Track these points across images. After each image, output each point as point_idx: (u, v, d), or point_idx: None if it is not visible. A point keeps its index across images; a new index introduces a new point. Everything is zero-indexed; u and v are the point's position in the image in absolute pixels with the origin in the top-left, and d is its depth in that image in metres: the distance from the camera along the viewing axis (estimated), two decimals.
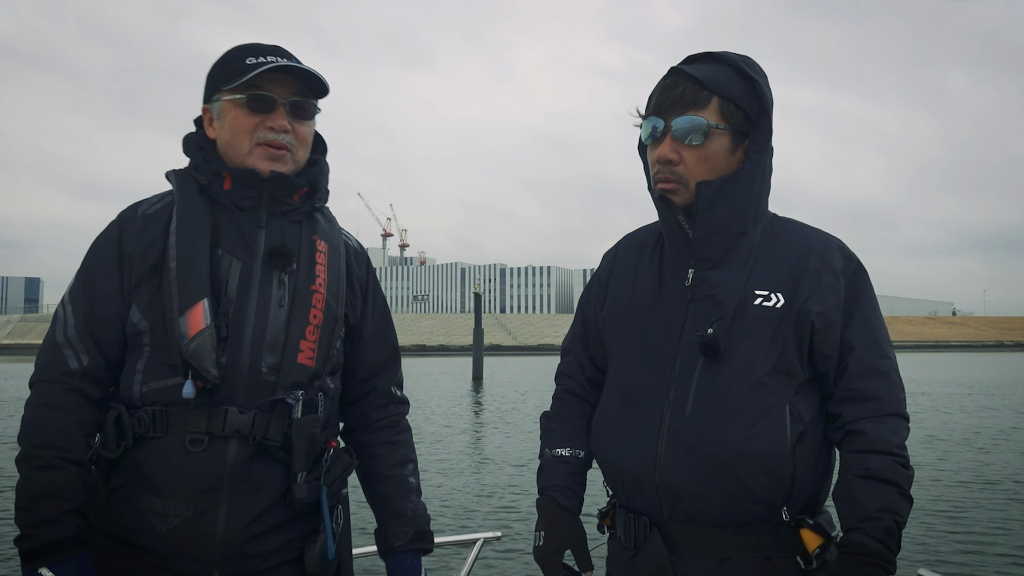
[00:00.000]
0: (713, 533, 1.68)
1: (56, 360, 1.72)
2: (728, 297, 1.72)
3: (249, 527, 1.69)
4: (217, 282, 1.73)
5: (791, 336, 1.69)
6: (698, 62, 1.76)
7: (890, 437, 1.64)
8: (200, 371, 1.66)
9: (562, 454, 1.90)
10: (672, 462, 1.69)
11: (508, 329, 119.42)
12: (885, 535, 1.57)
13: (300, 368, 1.76)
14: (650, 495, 1.72)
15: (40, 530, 1.58)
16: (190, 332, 1.67)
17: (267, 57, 1.79)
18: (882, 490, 1.59)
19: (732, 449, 1.65)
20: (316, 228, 1.89)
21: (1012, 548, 7.83)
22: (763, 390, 1.67)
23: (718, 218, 1.73)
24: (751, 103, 1.72)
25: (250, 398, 1.71)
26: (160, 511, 1.66)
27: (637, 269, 1.87)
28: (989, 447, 14.90)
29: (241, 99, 1.78)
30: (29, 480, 1.63)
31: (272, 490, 1.72)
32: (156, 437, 1.67)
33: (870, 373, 1.68)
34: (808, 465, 1.68)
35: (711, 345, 1.69)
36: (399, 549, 1.90)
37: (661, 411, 1.72)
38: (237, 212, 1.81)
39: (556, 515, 1.83)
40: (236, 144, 1.80)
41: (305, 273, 1.82)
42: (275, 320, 1.76)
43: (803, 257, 1.74)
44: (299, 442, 1.72)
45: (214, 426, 1.67)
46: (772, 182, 1.81)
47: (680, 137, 1.71)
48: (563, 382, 2.02)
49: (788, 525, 1.66)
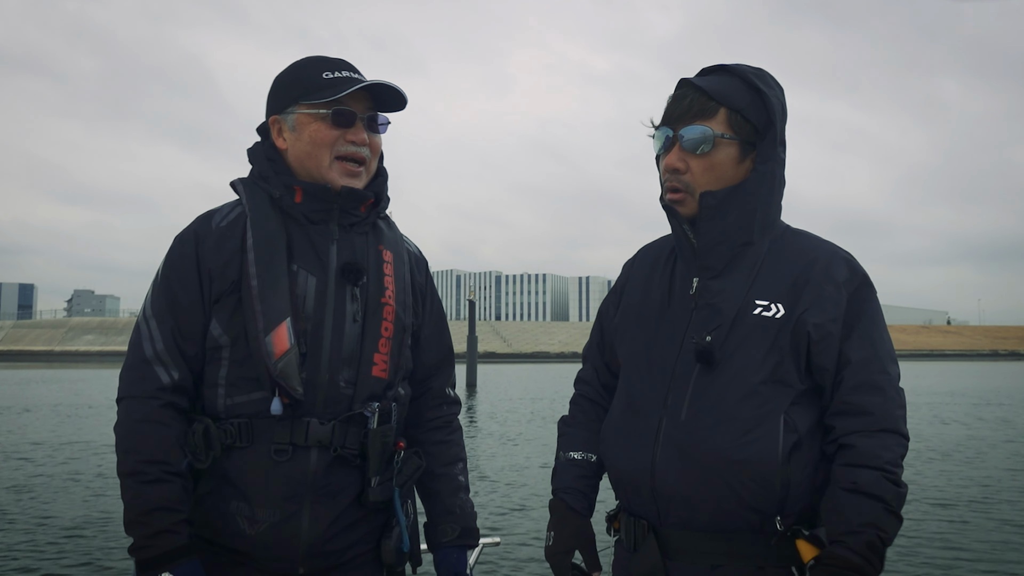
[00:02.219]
0: (706, 539, 1.70)
1: (148, 376, 1.76)
2: (728, 305, 1.74)
3: (330, 528, 1.79)
4: (295, 298, 1.78)
5: (787, 346, 1.70)
6: (711, 74, 1.79)
7: (881, 452, 1.63)
8: (288, 389, 1.74)
9: (574, 457, 1.96)
10: (666, 467, 1.71)
11: (503, 336, 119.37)
12: (867, 550, 1.57)
13: (375, 381, 1.85)
14: (647, 499, 1.75)
15: (157, 540, 1.67)
16: (276, 352, 1.73)
17: (342, 72, 1.84)
18: (868, 504, 1.59)
19: (723, 456, 1.66)
20: (381, 238, 1.95)
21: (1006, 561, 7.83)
22: (757, 399, 1.68)
23: (721, 228, 1.75)
24: (759, 115, 1.74)
25: (328, 410, 1.80)
26: (250, 516, 1.76)
27: (650, 279, 1.91)
28: (980, 457, 14.92)
29: (326, 114, 1.82)
30: (140, 495, 1.70)
31: (349, 493, 1.82)
32: (242, 447, 1.76)
33: (865, 387, 1.68)
34: (804, 476, 1.68)
35: (705, 352, 1.71)
36: (447, 544, 1.98)
37: (659, 417, 1.75)
38: (308, 225, 1.85)
39: (566, 516, 1.90)
40: (316, 156, 1.83)
41: (375, 286, 1.88)
42: (350, 335, 1.82)
43: (807, 268, 1.74)
44: (374, 450, 1.82)
45: (297, 437, 1.76)
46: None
47: (687, 146, 1.74)
48: (580, 387, 2.08)
49: (782, 535, 1.67)
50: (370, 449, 1.81)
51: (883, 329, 1.75)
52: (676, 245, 1.85)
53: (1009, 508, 9.93)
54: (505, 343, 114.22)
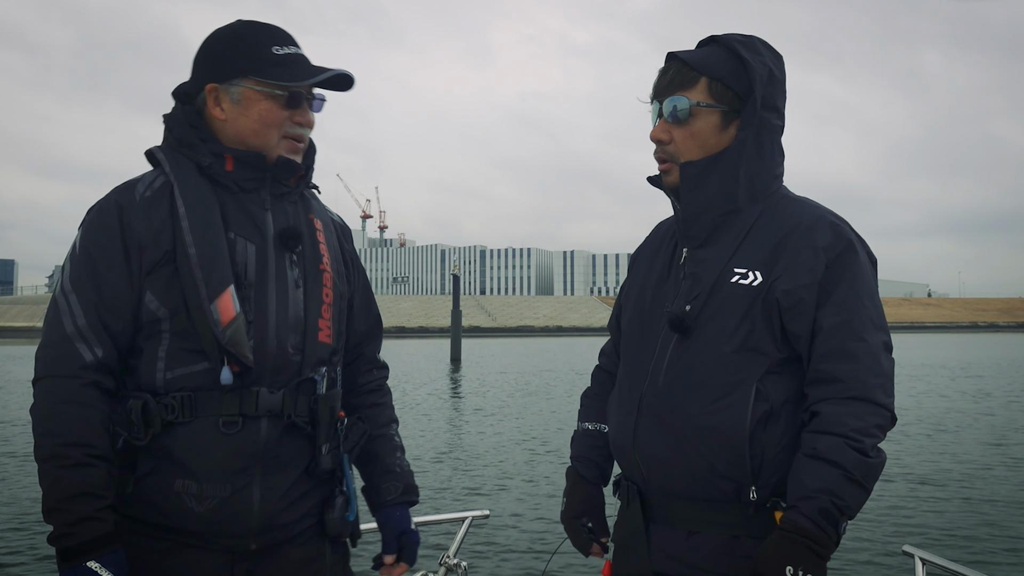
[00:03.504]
0: (684, 506, 1.73)
1: (69, 354, 1.68)
2: (708, 274, 1.76)
3: (281, 499, 1.76)
4: (235, 265, 1.75)
5: (759, 314, 1.69)
6: (702, 47, 1.83)
7: (847, 420, 1.60)
8: (238, 356, 1.69)
9: (588, 428, 2.04)
10: (646, 434, 1.76)
11: (488, 311, 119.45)
12: (819, 515, 1.56)
13: (321, 346, 1.83)
14: (633, 464, 1.81)
15: (79, 528, 1.59)
16: (223, 319, 1.68)
17: (289, 47, 1.81)
18: (824, 471, 1.57)
19: (693, 423, 1.69)
20: (310, 207, 1.94)
21: (996, 525, 7.97)
22: (728, 367, 1.69)
23: (703, 197, 1.76)
24: (740, 82, 1.75)
25: (278, 378, 1.76)
26: (197, 493, 1.69)
27: (656, 252, 1.94)
28: (967, 428, 15.12)
29: (281, 95, 1.79)
30: (60, 480, 1.61)
31: (299, 463, 1.80)
32: (185, 422, 1.69)
33: (835, 355, 1.65)
34: (780, 447, 1.67)
35: (677, 321, 1.74)
36: (392, 502, 1.98)
37: (641, 385, 1.79)
38: (240, 193, 1.81)
39: (576, 483, 1.99)
40: (264, 135, 1.80)
41: (311, 253, 1.86)
42: (295, 301, 1.80)
43: (789, 234, 1.73)
44: (323, 416, 1.81)
45: (247, 408, 1.71)
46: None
47: (668, 117, 1.78)
48: (601, 360, 2.15)
49: (759, 505, 1.67)
50: (320, 415, 1.80)
51: (866, 296, 1.69)
52: (673, 216, 1.89)
53: (982, 483, 10.09)
54: (490, 317, 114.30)
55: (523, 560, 6.86)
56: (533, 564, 6.71)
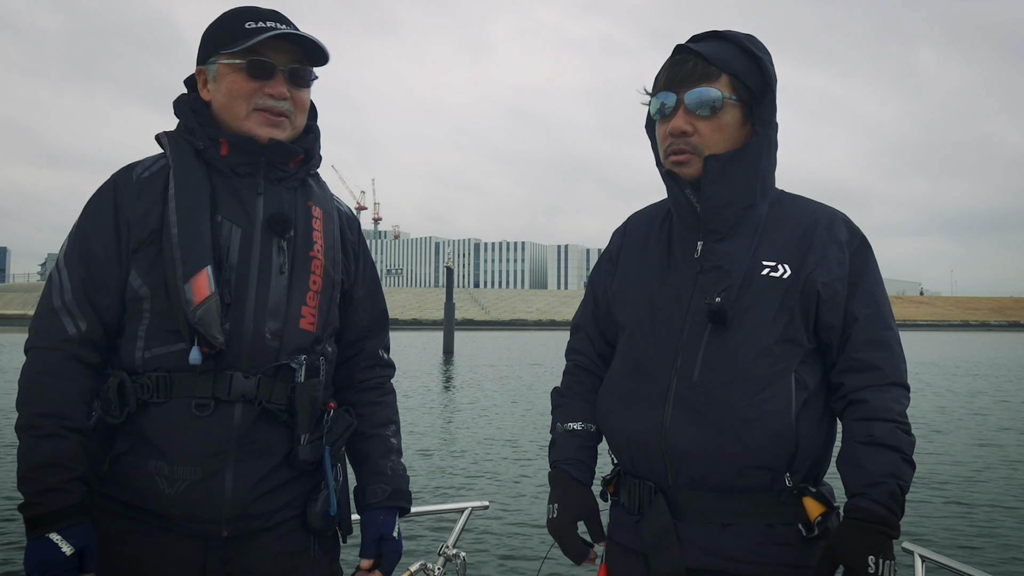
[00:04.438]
0: (717, 499, 1.72)
1: (54, 326, 1.70)
2: (736, 267, 1.76)
3: (255, 488, 1.73)
4: (218, 249, 1.74)
5: (797, 306, 1.73)
6: (703, 41, 1.80)
7: (892, 405, 1.68)
8: (207, 337, 1.68)
9: (574, 428, 1.94)
10: (678, 428, 1.73)
11: (481, 304, 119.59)
12: (890, 500, 1.61)
13: (302, 333, 1.80)
14: (656, 461, 1.77)
15: (45, 498, 1.60)
16: (195, 299, 1.68)
17: (267, 22, 1.79)
18: (886, 456, 1.64)
19: (738, 415, 1.69)
20: (311, 194, 1.91)
21: (994, 522, 8.00)
22: (770, 358, 1.71)
23: (726, 191, 1.77)
24: (755, 79, 1.77)
25: (254, 363, 1.74)
26: (168, 475, 1.68)
27: (646, 244, 1.92)
28: (966, 424, 15.18)
29: (241, 64, 1.78)
30: (31, 449, 1.63)
31: (277, 452, 1.77)
32: (160, 403, 1.69)
33: (873, 343, 1.72)
34: (811, 434, 1.72)
35: (719, 312, 1.73)
36: (375, 505, 1.92)
37: (668, 378, 1.77)
38: (234, 178, 1.80)
39: (569, 487, 1.89)
40: (233, 108, 1.79)
41: (303, 240, 1.84)
42: (277, 287, 1.78)
43: (810, 230, 1.78)
44: (302, 405, 1.76)
45: (220, 391, 1.70)
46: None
47: (694, 108, 1.75)
48: (574, 357, 2.05)
49: (790, 492, 1.70)
50: (298, 404, 1.76)
51: (883, 287, 1.79)
52: (675, 210, 1.86)
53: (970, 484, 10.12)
54: (483, 310, 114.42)
55: (523, 551, 6.86)
56: (533, 555, 6.71)
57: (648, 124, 1.88)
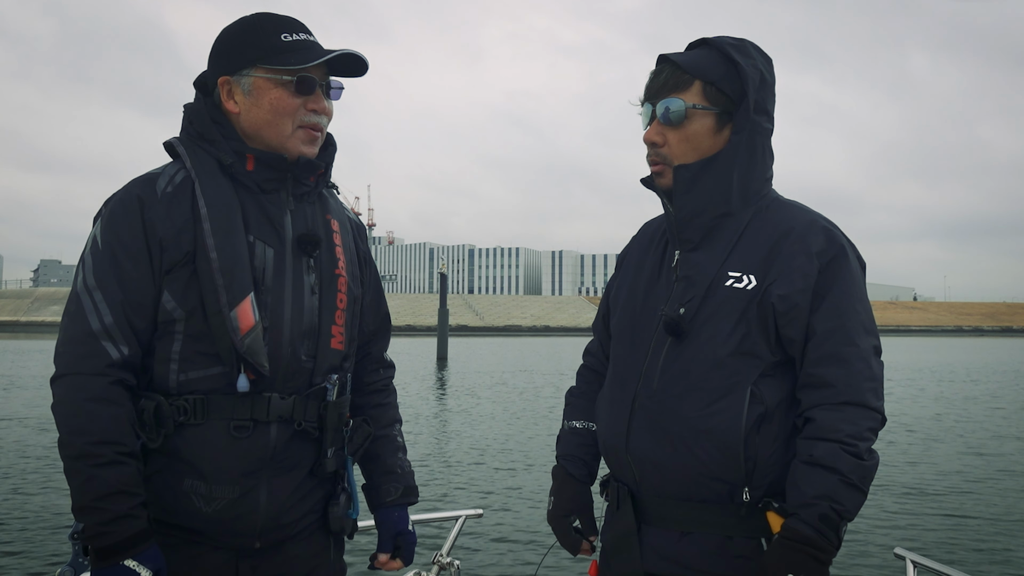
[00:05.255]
0: (677, 506, 1.74)
1: (96, 351, 1.65)
2: (702, 277, 1.76)
3: (287, 500, 1.78)
4: (254, 271, 1.73)
5: (755, 318, 1.71)
6: (691, 49, 1.82)
7: (841, 425, 1.62)
8: (255, 366, 1.69)
9: (576, 426, 2.03)
10: (639, 435, 1.77)
11: (475, 310, 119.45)
12: (820, 522, 1.58)
13: (333, 353, 1.83)
14: (624, 465, 1.81)
15: (117, 526, 1.59)
16: (243, 328, 1.67)
17: (299, 34, 1.78)
18: (822, 477, 1.59)
19: (688, 425, 1.70)
20: (328, 207, 1.91)
21: (986, 529, 8.01)
22: (724, 370, 1.71)
23: (697, 200, 1.77)
24: (733, 85, 1.76)
25: (289, 384, 1.76)
26: (205, 494, 1.70)
27: (646, 253, 1.94)
28: (957, 432, 15.21)
29: (289, 81, 1.74)
30: (93, 478, 1.60)
31: (304, 464, 1.81)
32: (196, 424, 1.70)
33: (828, 359, 1.67)
34: (773, 449, 1.69)
35: (672, 324, 1.74)
36: (391, 503, 1.99)
37: (635, 386, 1.80)
38: (260, 194, 1.78)
39: (565, 482, 1.98)
40: (277, 125, 1.76)
41: (328, 257, 1.84)
42: (309, 308, 1.79)
43: (782, 239, 1.74)
44: (331, 421, 1.81)
45: (259, 413, 1.72)
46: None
47: (663, 119, 1.77)
48: (586, 359, 2.14)
49: (751, 506, 1.68)
50: (328, 421, 1.80)
51: (857, 300, 1.71)
52: (665, 218, 1.88)
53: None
54: (478, 316, 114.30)
55: (516, 559, 6.84)
56: (526, 563, 6.70)
57: None
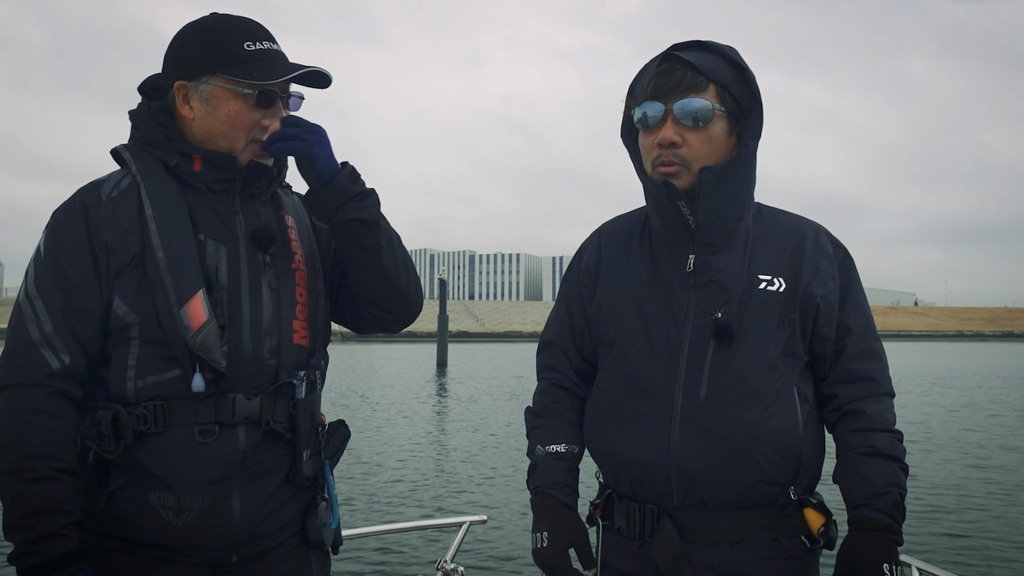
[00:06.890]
0: (725, 517, 1.71)
1: (34, 361, 1.60)
2: (734, 282, 1.74)
3: (262, 509, 1.70)
4: (206, 269, 1.69)
5: (796, 319, 1.74)
6: (688, 50, 1.76)
7: (887, 416, 1.74)
8: (209, 363, 1.64)
9: (559, 451, 1.85)
10: (687, 448, 1.69)
11: (476, 316, 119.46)
12: (893, 508, 1.65)
13: (297, 349, 1.78)
14: (661, 482, 1.72)
15: (43, 546, 1.52)
16: (194, 325, 1.63)
17: (263, 43, 1.73)
18: (887, 466, 1.68)
19: (749, 431, 1.68)
20: (281, 204, 1.87)
21: (990, 534, 7.99)
22: (775, 372, 1.72)
23: (720, 204, 1.74)
24: (742, 91, 1.75)
25: (254, 384, 1.71)
26: (174, 506, 1.63)
27: (627, 257, 1.86)
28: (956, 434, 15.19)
29: (250, 94, 1.71)
30: (22, 494, 1.53)
31: (279, 470, 1.74)
32: (159, 432, 1.63)
33: (866, 354, 1.77)
34: (812, 445, 1.75)
35: (725, 328, 1.71)
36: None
37: (672, 397, 1.72)
38: (209, 194, 1.74)
39: (559, 514, 1.79)
40: (231, 137, 1.72)
41: (282, 252, 1.80)
42: (268, 303, 1.75)
43: (799, 243, 1.80)
44: (303, 421, 1.75)
45: (223, 415, 1.66)
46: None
47: (683, 119, 1.71)
48: (550, 375, 1.95)
49: (794, 505, 1.72)
50: (300, 421, 1.73)
51: (866, 298, 1.84)
52: (663, 221, 1.78)
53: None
54: (478, 322, 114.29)
55: (521, 565, 6.82)
56: (531, 569, 6.67)
57: (625, 133, 1.84)
